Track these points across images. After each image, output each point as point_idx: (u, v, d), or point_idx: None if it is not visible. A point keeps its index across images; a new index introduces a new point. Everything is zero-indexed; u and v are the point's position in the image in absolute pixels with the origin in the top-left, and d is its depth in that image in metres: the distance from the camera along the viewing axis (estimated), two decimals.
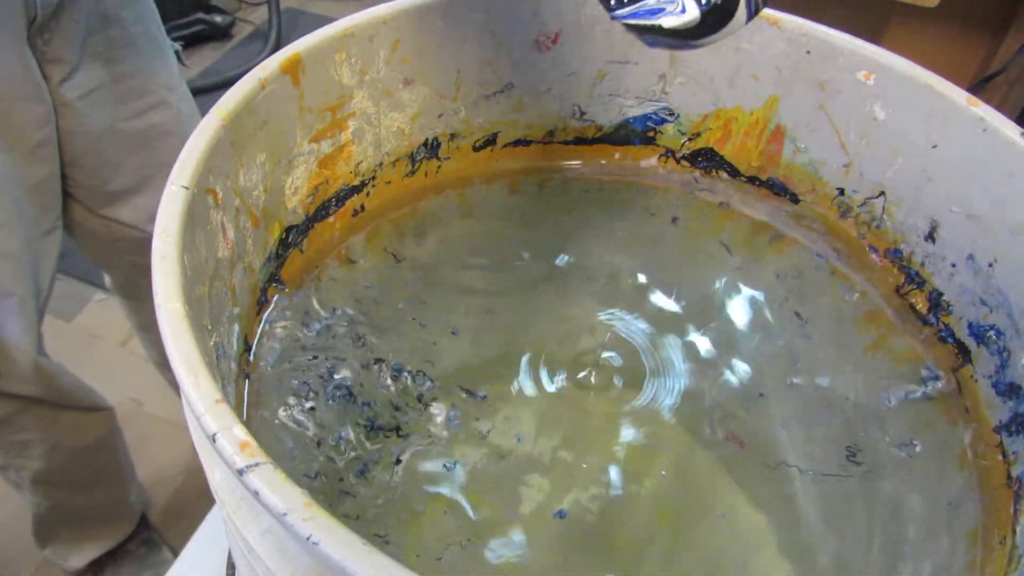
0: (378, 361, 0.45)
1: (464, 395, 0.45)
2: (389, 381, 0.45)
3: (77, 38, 0.68)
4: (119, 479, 0.98)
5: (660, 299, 0.49)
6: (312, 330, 0.46)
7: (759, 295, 0.50)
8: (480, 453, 0.43)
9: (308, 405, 0.43)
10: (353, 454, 0.42)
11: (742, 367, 0.46)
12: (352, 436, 0.42)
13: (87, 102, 0.72)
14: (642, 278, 0.51)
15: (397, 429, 0.43)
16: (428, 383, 0.45)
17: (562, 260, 0.51)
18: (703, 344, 0.47)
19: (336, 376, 0.44)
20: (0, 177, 0.66)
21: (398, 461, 0.42)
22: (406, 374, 0.45)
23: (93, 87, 0.72)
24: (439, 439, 0.43)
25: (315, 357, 0.45)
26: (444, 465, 0.42)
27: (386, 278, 0.49)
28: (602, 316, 0.48)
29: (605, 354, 0.47)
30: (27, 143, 0.68)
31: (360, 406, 0.44)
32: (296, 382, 0.43)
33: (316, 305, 0.47)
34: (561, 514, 0.41)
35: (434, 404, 0.44)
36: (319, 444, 0.42)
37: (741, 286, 0.50)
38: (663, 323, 0.48)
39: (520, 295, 0.50)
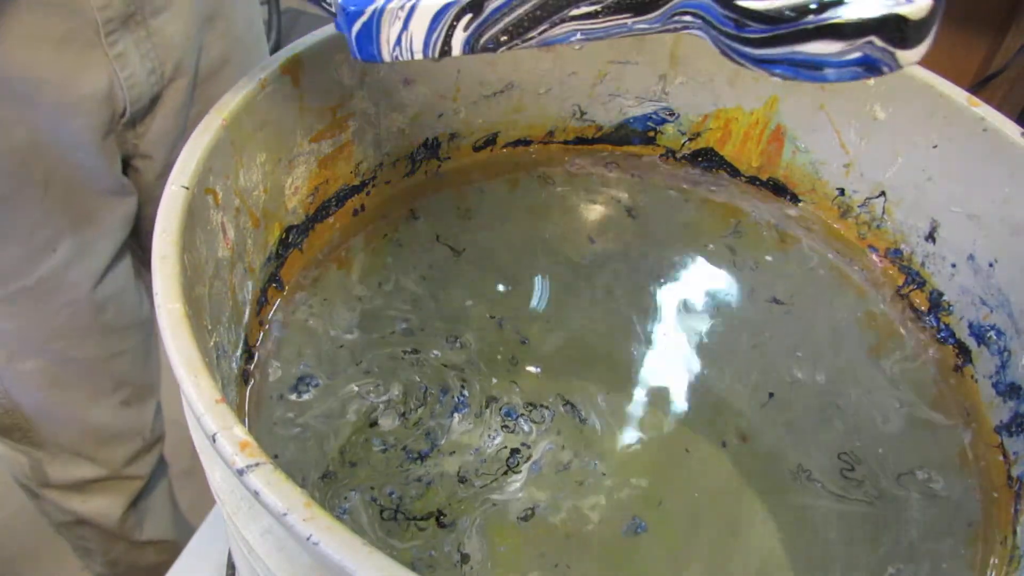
0: (491, 402, 0.36)
1: (563, 408, 0.38)
2: (500, 438, 0.34)
3: (173, 137, 0.62)
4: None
5: (661, 299, 0.49)
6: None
7: (759, 296, 0.50)
8: (558, 488, 0.35)
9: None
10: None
11: (745, 370, 0.46)
12: (364, 519, 0.31)
13: None
14: (643, 278, 0.51)
15: (439, 516, 0.32)
16: (546, 417, 0.36)
17: (562, 261, 0.51)
18: (708, 346, 0.47)
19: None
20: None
21: (464, 558, 0.31)
22: (524, 420, 0.35)
23: None
24: (503, 503, 0.34)
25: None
26: (519, 518, 0.34)
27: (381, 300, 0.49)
28: (610, 319, 0.48)
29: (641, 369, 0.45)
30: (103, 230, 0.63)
31: (410, 482, 0.33)
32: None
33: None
34: (640, 527, 0.36)
35: (524, 468, 0.34)
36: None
37: (742, 287, 0.50)
38: (663, 325, 0.48)
39: (533, 298, 0.49)
